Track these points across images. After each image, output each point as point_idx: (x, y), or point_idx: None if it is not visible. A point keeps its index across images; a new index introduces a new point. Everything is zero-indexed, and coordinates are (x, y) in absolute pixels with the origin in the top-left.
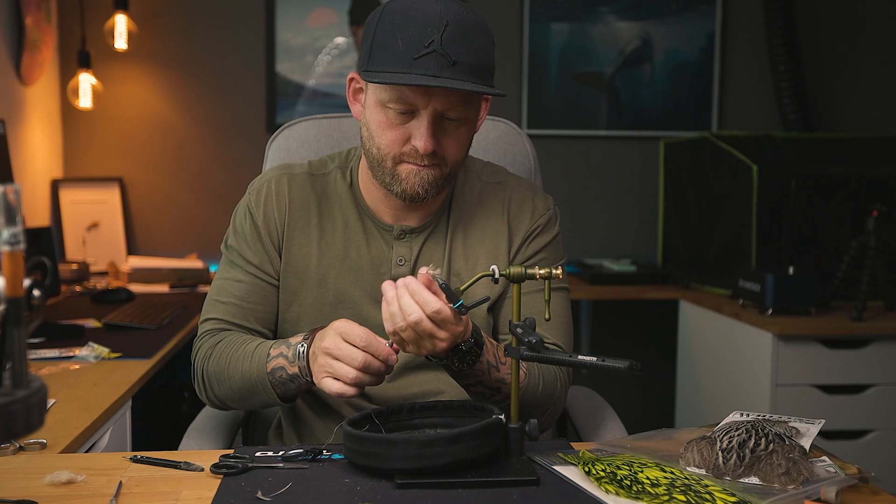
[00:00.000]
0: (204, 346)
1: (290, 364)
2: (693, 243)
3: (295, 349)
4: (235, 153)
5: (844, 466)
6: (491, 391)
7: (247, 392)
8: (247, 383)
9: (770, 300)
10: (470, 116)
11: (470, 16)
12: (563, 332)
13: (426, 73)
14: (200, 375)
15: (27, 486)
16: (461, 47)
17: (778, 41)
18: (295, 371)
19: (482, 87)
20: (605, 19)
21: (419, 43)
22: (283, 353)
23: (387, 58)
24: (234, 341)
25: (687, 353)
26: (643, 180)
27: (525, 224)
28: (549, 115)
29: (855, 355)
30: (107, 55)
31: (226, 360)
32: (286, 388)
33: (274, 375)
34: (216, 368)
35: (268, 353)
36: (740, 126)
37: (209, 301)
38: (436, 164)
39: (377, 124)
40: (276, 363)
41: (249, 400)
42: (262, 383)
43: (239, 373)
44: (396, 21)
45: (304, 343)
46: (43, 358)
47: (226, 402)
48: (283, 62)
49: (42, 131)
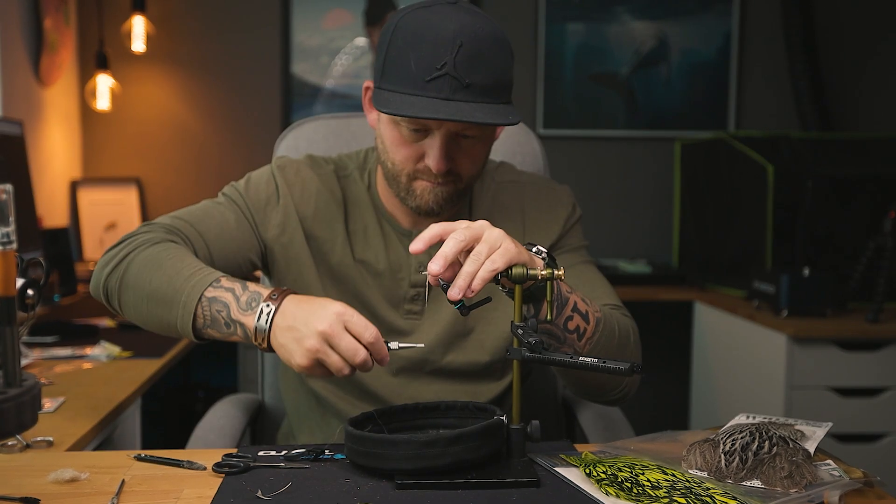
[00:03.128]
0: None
1: (238, 309)
2: (708, 244)
3: (251, 298)
4: (251, 154)
5: (849, 470)
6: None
7: (158, 300)
8: (167, 290)
9: (785, 302)
10: (487, 133)
11: (486, 31)
12: (614, 294)
13: (438, 95)
14: (125, 254)
15: (31, 484)
16: (475, 68)
17: (796, 40)
18: (243, 322)
19: (495, 113)
20: (620, 19)
21: (431, 64)
22: (234, 290)
23: (399, 77)
24: (183, 249)
25: (702, 355)
26: (659, 181)
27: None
28: (565, 116)
29: (871, 358)
30: (124, 57)
31: (163, 257)
32: (215, 327)
33: (210, 306)
34: (146, 260)
35: (218, 278)
36: (758, 126)
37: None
38: (451, 180)
39: (391, 140)
40: (220, 295)
41: (152, 310)
42: (187, 305)
43: (167, 275)
44: (409, 38)
45: (271, 304)
46: (56, 357)
47: (124, 296)
48: (298, 63)
49: (61, 132)
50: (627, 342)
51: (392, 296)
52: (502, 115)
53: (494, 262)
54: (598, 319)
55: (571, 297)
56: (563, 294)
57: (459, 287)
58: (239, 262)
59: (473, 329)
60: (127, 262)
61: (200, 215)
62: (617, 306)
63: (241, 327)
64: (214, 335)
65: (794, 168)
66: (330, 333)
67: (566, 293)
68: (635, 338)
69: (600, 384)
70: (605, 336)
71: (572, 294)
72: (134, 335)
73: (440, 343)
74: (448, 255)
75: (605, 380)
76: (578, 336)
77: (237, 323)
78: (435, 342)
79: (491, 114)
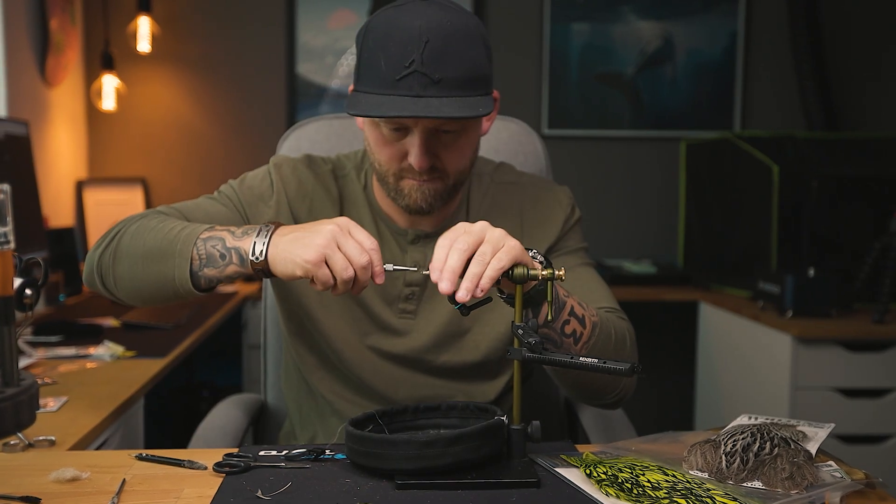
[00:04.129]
0: (133, 217)
1: (234, 238)
2: (713, 244)
3: (248, 229)
4: (256, 154)
5: (851, 471)
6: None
7: (154, 256)
8: (162, 244)
9: (789, 302)
10: (469, 126)
11: (455, 25)
12: (611, 298)
13: (409, 93)
14: (117, 230)
15: (32, 483)
16: (444, 62)
17: (802, 40)
18: (238, 245)
19: (466, 106)
20: (626, 19)
21: (400, 63)
22: (230, 229)
23: (371, 78)
24: (173, 219)
25: (707, 355)
26: (664, 181)
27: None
28: (570, 116)
29: (876, 359)
30: (130, 57)
31: (155, 223)
32: (210, 263)
33: (205, 245)
34: (138, 229)
35: (213, 226)
36: (764, 126)
37: (176, 203)
38: (437, 177)
39: (374, 141)
40: (217, 234)
41: (148, 268)
42: (183, 251)
43: (161, 233)
44: (379, 39)
45: (271, 225)
46: (60, 356)
47: (118, 266)
48: (303, 63)
49: (66, 133)
50: (624, 346)
51: (387, 294)
52: (473, 108)
53: (501, 260)
54: (595, 324)
55: (568, 300)
56: (560, 298)
57: (467, 289)
58: None
59: (469, 329)
60: (119, 237)
61: (192, 207)
62: (614, 309)
63: (237, 252)
64: (210, 273)
65: (799, 168)
66: (339, 232)
67: (563, 297)
68: (632, 341)
69: (596, 388)
70: (601, 340)
71: (569, 298)
72: (137, 334)
73: (436, 342)
74: (456, 268)
75: (602, 383)
76: (575, 340)
77: (232, 249)
78: (431, 341)
79: (463, 107)
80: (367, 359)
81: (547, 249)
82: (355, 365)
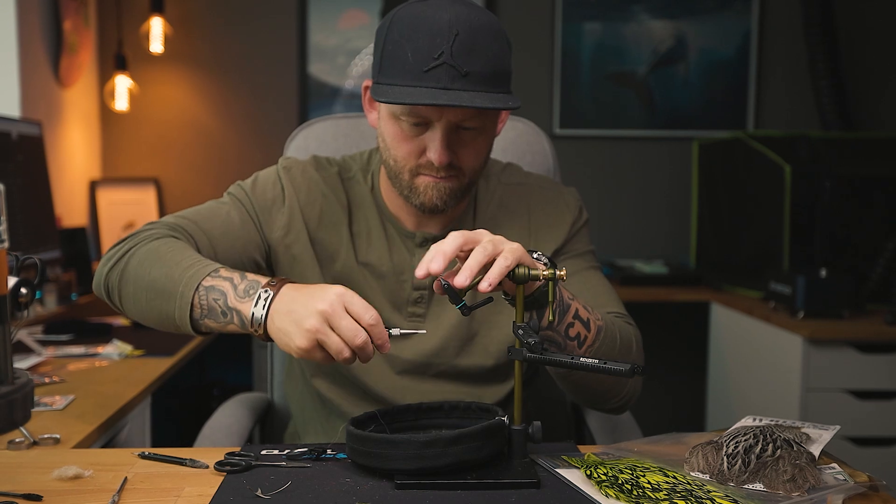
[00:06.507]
0: (157, 230)
1: (235, 297)
2: (726, 245)
3: (249, 286)
4: (269, 153)
5: (854, 474)
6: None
7: (157, 291)
8: (165, 282)
9: (801, 303)
10: (487, 125)
11: (482, 20)
12: (618, 302)
13: (437, 85)
14: (126, 249)
15: (35, 480)
16: (473, 56)
17: (816, 39)
18: (239, 308)
19: (495, 100)
20: (638, 18)
21: (429, 54)
22: (233, 279)
23: (397, 70)
24: (185, 244)
25: (718, 356)
26: (676, 181)
27: (567, 220)
28: (582, 115)
29: (889, 360)
30: (143, 58)
31: (164, 251)
32: (211, 316)
33: (207, 295)
34: (146, 254)
35: (217, 269)
36: (777, 126)
37: (189, 209)
38: (453, 175)
39: (392, 136)
40: (218, 284)
41: (151, 302)
42: (185, 295)
43: (167, 266)
44: (406, 31)
45: (269, 290)
46: (69, 354)
47: (124, 290)
48: (315, 63)
49: (80, 133)
50: (629, 351)
51: (395, 298)
52: (502, 102)
53: (506, 258)
54: (600, 327)
55: (573, 303)
56: (565, 301)
57: (466, 276)
58: (243, 261)
59: (477, 332)
60: (128, 258)
61: (206, 214)
62: (621, 314)
63: (238, 314)
64: (211, 325)
65: (812, 168)
66: (330, 313)
67: (568, 300)
68: (638, 347)
69: (599, 391)
70: (605, 344)
71: (574, 301)
72: (146, 334)
73: (444, 346)
74: (447, 251)
75: (604, 387)
76: (579, 343)
77: (233, 311)
78: (439, 345)
79: (491, 101)
80: (375, 364)
81: (554, 252)
82: (362, 371)
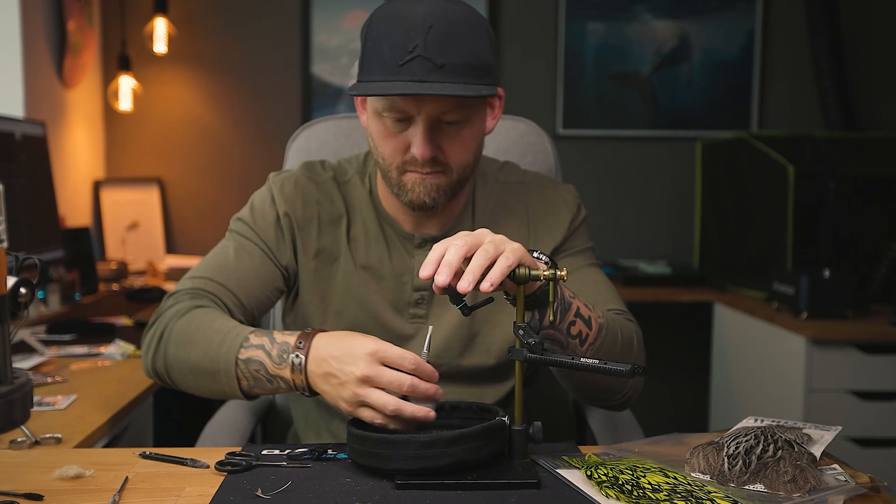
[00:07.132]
0: (181, 304)
1: (273, 365)
2: (729, 245)
3: (281, 350)
4: (272, 154)
5: (856, 475)
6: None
7: (202, 373)
8: (206, 362)
9: (804, 303)
10: (471, 118)
11: (458, 13)
12: (618, 299)
13: (412, 78)
14: (160, 334)
15: (36, 480)
16: (448, 48)
17: (820, 38)
18: (281, 375)
19: (467, 89)
20: (641, 18)
21: (403, 48)
22: (264, 346)
23: (375, 66)
24: (210, 313)
25: (721, 357)
26: (680, 181)
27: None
28: (585, 116)
29: (892, 361)
30: (147, 58)
31: (193, 329)
32: (259, 385)
33: (248, 367)
34: (179, 337)
35: (246, 337)
36: (781, 126)
37: (201, 263)
38: (440, 170)
39: (377, 134)
40: (253, 355)
41: (201, 383)
42: (227, 372)
43: (202, 347)
44: (383, 27)
45: (300, 353)
46: (72, 354)
47: (173, 374)
48: (318, 64)
49: (84, 133)
50: (631, 348)
51: (396, 301)
52: (473, 90)
53: (508, 258)
54: (601, 325)
55: (574, 301)
56: (566, 299)
57: (469, 281)
58: (267, 296)
59: (479, 332)
60: (164, 343)
61: (219, 264)
62: (622, 311)
63: (283, 381)
64: (263, 392)
65: (816, 168)
66: (369, 376)
67: (569, 298)
68: (639, 343)
69: (602, 388)
70: (607, 342)
71: (575, 299)
72: None
73: (447, 346)
74: (452, 262)
75: (607, 384)
76: (581, 341)
77: (277, 378)
78: (441, 345)
79: (465, 91)
80: None
81: (553, 250)
82: None
